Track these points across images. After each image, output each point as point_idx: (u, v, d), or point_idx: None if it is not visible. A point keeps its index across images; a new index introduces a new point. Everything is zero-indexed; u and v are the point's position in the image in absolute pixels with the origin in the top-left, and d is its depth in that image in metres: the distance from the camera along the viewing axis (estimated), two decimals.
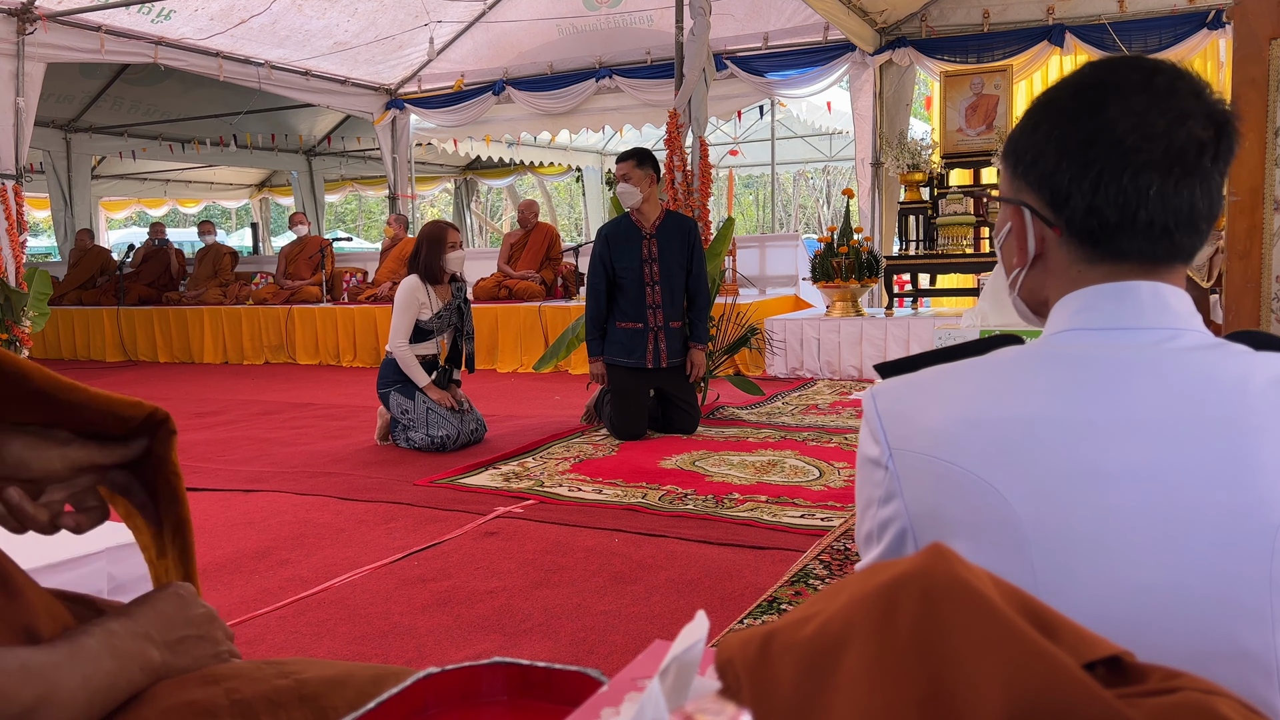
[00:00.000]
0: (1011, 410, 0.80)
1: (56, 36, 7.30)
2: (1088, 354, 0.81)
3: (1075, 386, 0.79)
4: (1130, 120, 0.81)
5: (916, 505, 0.85)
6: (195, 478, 3.94)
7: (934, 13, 7.85)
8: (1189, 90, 0.81)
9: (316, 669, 0.80)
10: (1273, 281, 2.45)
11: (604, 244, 4.47)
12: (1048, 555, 0.76)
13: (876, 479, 0.88)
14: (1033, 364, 0.83)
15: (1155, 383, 0.78)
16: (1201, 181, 0.80)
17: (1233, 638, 0.73)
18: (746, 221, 23.90)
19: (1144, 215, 0.81)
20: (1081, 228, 0.84)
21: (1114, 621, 0.75)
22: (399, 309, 4.38)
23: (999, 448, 0.79)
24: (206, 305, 9.14)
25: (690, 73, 5.80)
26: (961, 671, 0.54)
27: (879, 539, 0.89)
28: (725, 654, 0.63)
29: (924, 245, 6.99)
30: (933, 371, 0.89)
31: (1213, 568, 0.73)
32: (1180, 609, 0.74)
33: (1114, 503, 0.75)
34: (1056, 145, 0.84)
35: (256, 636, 2.25)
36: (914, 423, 0.85)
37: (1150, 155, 0.80)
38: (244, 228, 19.83)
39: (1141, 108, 0.81)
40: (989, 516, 0.79)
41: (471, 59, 9.88)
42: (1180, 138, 0.79)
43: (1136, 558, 0.75)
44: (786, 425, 4.73)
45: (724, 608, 2.32)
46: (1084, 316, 0.84)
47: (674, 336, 4.51)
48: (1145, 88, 0.81)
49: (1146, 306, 0.82)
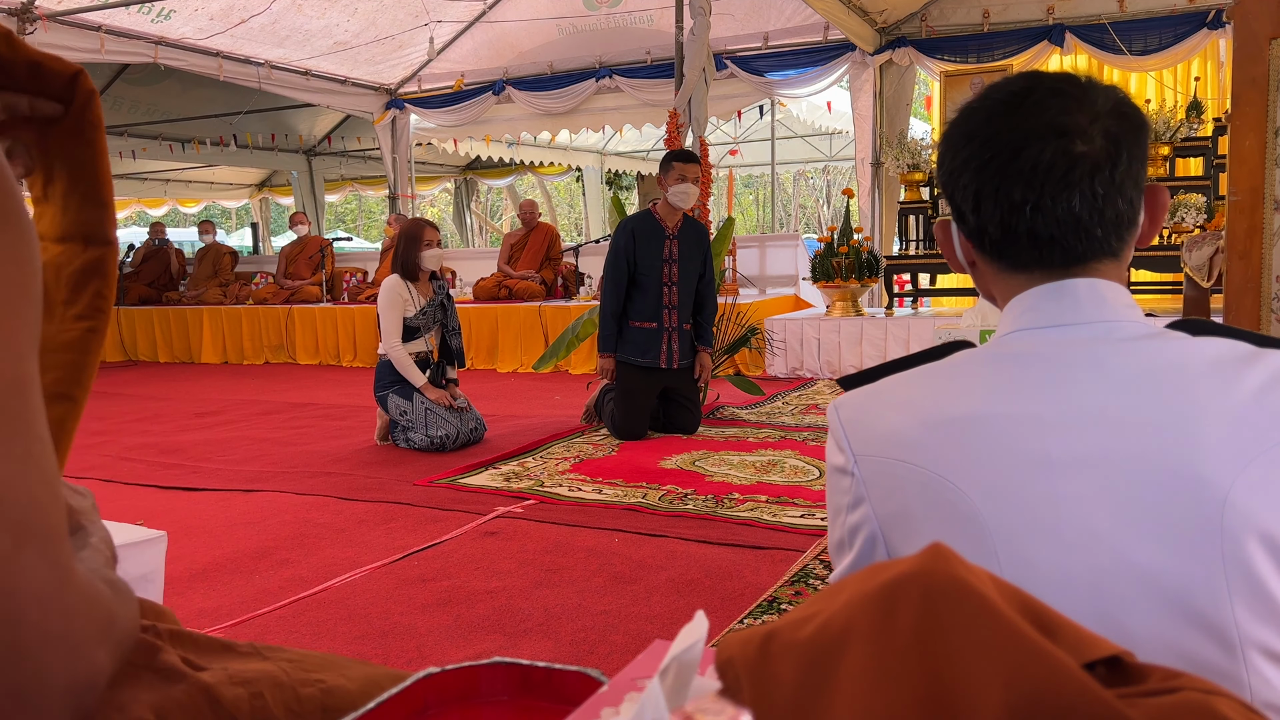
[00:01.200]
0: (964, 409, 0.84)
1: (56, 36, 7.30)
2: (1032, 351, 0.85)
3: (1022, 383, 0.83)
4: (1008, 137, 0.84)
5: (883, 508, 0.87)
6: (195, 478, 3.95)
7: (934, 13, 7.85)
8: (1064, 107, 0.83)
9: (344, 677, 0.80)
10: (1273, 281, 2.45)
11: (629, 238, 4.46)
12: (1008, 545, 0.79)
13: (844, 486, 0.91)
14: (982, 365, 0.87)
15: (1096, 373, 0.81)
16: (1081, 193, 0.83)
17: (1192, 614, 0.75)
18: (746, 221, 23.90)
19: (1023, 228, 0.85)
20: (979, 243, 0.90)
21: (1077, 606, 0.77)
22: (384, 309, 4.39)
23: (954, 446, 0.83)
24: (206, 305, 9.14)
25: (690, 72, 5.80)
26: (961, 671, 0.54)
27: (850, 545, 0.92)
28: (725, 654, 0.63)
29: (924, 245, 6.99)
30: (890, 379, 0.93)
31: (1165, 548, 0.75)
32: (1138, 590, 0.76)
33: (1064, 491, 0.78)
34: (954, 164, 0.89)
35: (256, 636, 2.25)
36: (874, 429, 0.89)
37: (1017, 173, 0.83)
38: (244, 228, 19.83)
39: (1007, 128, 0.84)
40: (950, 513, 0.82)
41: (471, 59, 9.88)
42: (1050, 153, 0.82)
43: (1090, 543, 0.77)
44: (786, 425, 4.73)
45: (724, 608, 2.32)
46: (1027, 317, 0.87)
47: (685, 338, 4.56)
48: (1015, 108, 0.85)
49: (1084, 302, 0.85)
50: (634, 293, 4.49)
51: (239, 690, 0.74)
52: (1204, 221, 5.82)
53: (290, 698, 0.76)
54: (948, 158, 0.89)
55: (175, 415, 5.70)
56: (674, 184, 4.42)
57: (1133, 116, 0.85)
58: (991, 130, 0.85)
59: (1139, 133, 0.85)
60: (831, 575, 0.97)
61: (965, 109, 0.89)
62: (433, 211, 21.98)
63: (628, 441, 4.41)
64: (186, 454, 4.46)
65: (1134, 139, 0.84)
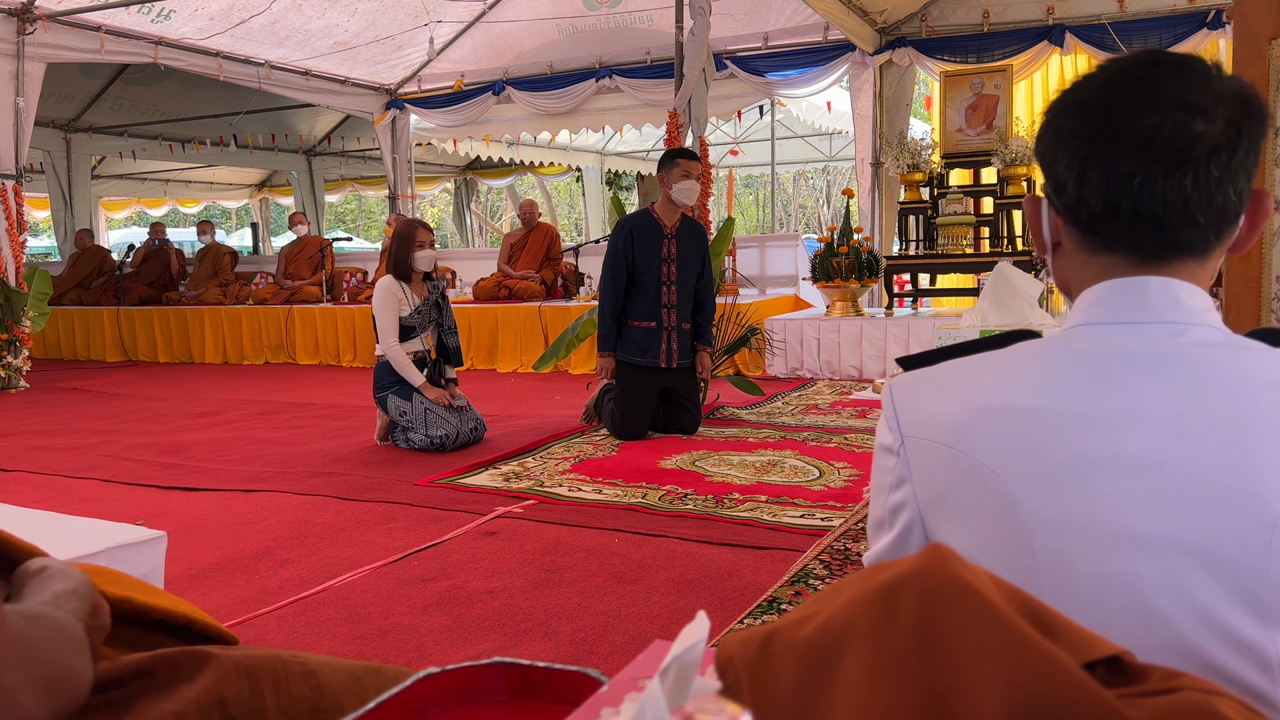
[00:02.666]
0: (1018, 400, 0.82)
1: (56, 36, 7.30)
2: (1095, 347, 0.83)
3: (1078, 379, 0.81)
4: (1124, 111, 0.81)
5: (925, 490, 0.87)
6: (195, 478, 3.94)
7: (934, 13, 7.85)
8: (1191, 82, 0.80)
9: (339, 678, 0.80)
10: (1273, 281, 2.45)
11: (628, 236, 4.46)
12: (1044, 539, 0.78)
13: (889, 465, 0.91)
14: (1043, 356, 0.85)
15: (1155, 376, 0.79)
16: (1196, 174, 0.80)
17: (1228, 632, 0.73)
18: (746, 221, 23.90)
19: (1128, 204, 0.82)
20: (1074, 217, 0.87)
21: (1111, 607, 0.76)
22: (380, 310, 4.40)
23: (1003, 435, 0.81)
24: (206, 305, 9.14)
25: (690, 73, 5.80)
26: (961, 671, 0.54)
27: (890, 525, 0.91)
28: (725, 654, 0.63)
29: (924, 245, 6.99)
30: (949, 364, 0.91)
31: (1205, 560, 0.73)
32: (1173, 599, 0.74)
33: (1107, 491, 0.77)
34: (1059, 136, 0.86)
35: (256, 636, 2.25)
36: (925, 411, 0.88)
37: (1135, 146, 0.80)
38: (244, 228, 19.83)
39: (1137, 99, 0.81)
40: (990, 501, 0.81)
41: (471, 59, 9.88)
42: (1167, 129, 0.79)
43: (1129, 546, 0.75)
44: (786, 425, 4.73)
45: (724, 608, 2.32)
46: (1096, 311, 0.85)
47: (684, 337, 4.56)
48: (1147, 80, 0.82)
49: (1155, 301, 0.83)
50: (633, 292, 4.49)
51: (242, 685, 0.75)
52: None
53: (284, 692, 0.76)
54: (1055, 124, 0.87)
55: (175, 415, 5.70)
56: (678, 180, 4.42)
57: (1257, 107, 0.82)
58: (1109, 98, 0.82)
59: (1261, 124, 0.82)
60: (867, 555, 0.96)
61: (1082, 79, 0.87)
62: (433, 211, 21.98)
63: (628, 441, 4.41)
64: (186, 454, 4.46)
65: (1256, 129, 0.81)
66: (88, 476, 4.03)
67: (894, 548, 0.91)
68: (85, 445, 4.76)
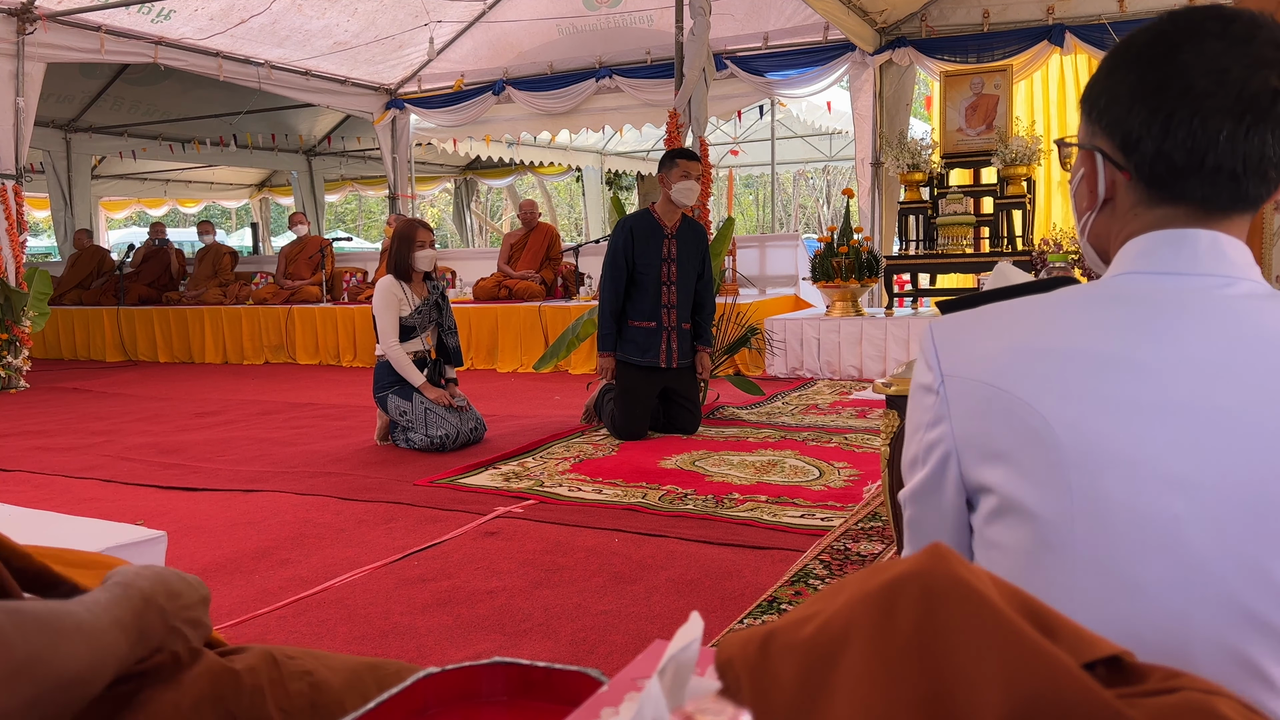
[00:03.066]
0: (1060, 342, 0.83)
1: (56, 36, 7.30)
2: (1140, 294, 0.84)
3: (1123, 323, 0.82)
4: (1203, 66, 0.82)
5: (963, 429, 0.87)
6: (195, 478, 3.94)
7: (934, 12, 7.85)
8: (1268, 39, 0.82)
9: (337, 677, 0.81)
10: (1273, 281, 2.45)
11: (628, 236, 4.47)
12: (1083, 477, 0.79)
13: (927, 404, 0.91)
14: (1086, 301, 0.86)
15: (1201, 324, 0.80)
16: (1274, 129, 0.81)
17: (1264, 574, 0.74)
18: (746, 221, 23.90)
19: (1212, 159, 0.82)
20: (1150, 172, 0.86)
21: (1148, 548, 0.76)
22: (381, 310, 4.40)
23: (1044, 376, 0.82)
24: (206, 305, 9.14)
25: (690, 72, 5.80)
26: (961, 671, 0.54)
27: (924, 462, 0.92)
28: (725, 654, 0.63)
29: (924, 245, 6.99)
30: (991, 306, 0.92)
31: (1244, 508, 0.75)
32: (1209, 542, 0.75)
33: (1147, 434, 0.78)
34: (1129, 90, 0.86)
35: (256, 637, 2.25)
36: (966, 350, 0.88)
37: (1222, 101, 0.81)
38: (244, 228, 19.83)
39: (1214, 54, 0.82)
40: (1031, 439, 0.81)
41: (471, 59, 9.88)
42: (1255, 84, 0.80)
43: (1168, 488, 0.76)
44: (786, 425, 4.73)
45: (724, 608, 2.32)
46: (1142, 261, 0.86)
47: (684, 337, 4.57)
48: (1221, 35, 0.82)
49: (1203, 254, 0.84)
50: (633, 292, 4.50)
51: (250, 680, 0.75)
52: None
53: (280, 694, 0.76)
54: (1126, 79, 0.86)
55: (175, 415, 5.70)
56: (678, 181, 4.42)
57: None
58: (1186, 54, 0.83)
59: None
60: (902, 493, 0.96)
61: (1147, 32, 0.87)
62: (433, 211, 21.98)
63: (628, 441, 4.41)
64: (186, 454, 4.46)
65: None
66: (88, 476, 4.03)
67: (928, 483, 0.91)
68: (85, 445, 4.76)
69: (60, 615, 0.66)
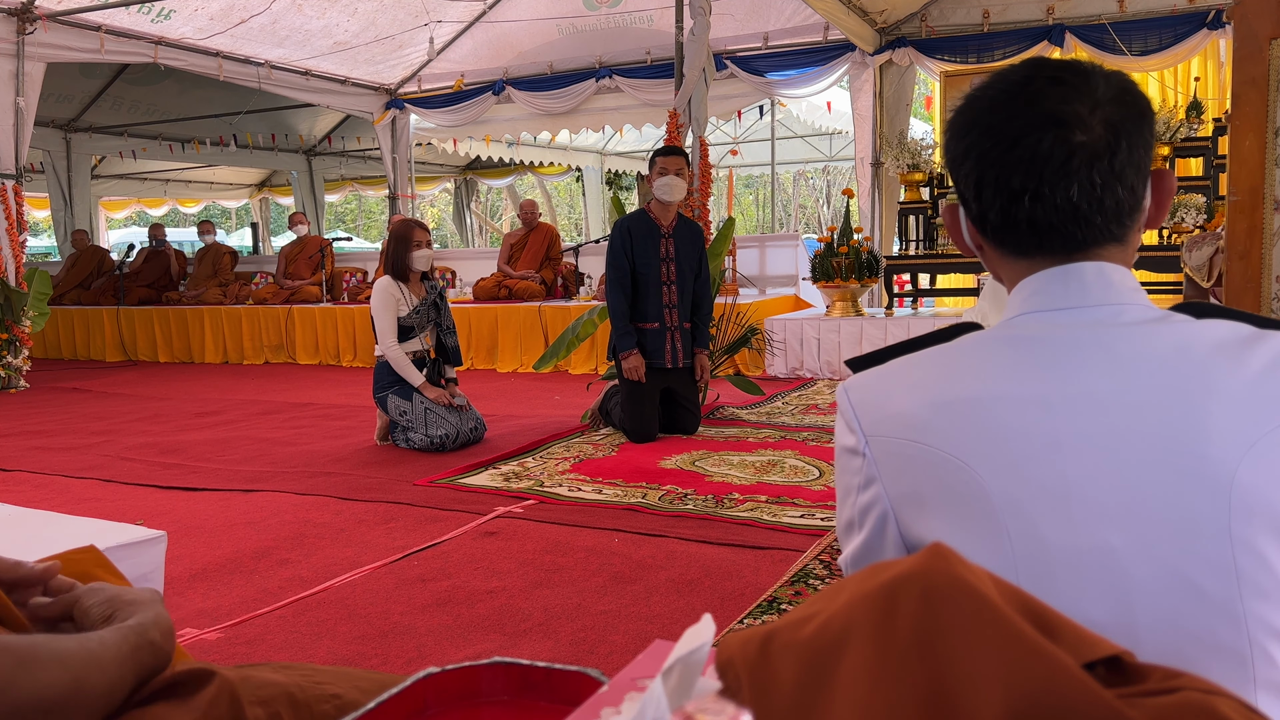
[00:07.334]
0: (974, 391, 0.84)
1: (56, 36, 7.30)
2: (1040, 334, 0.86)
3: (1030, 365, 0.84)
4: (997, 130, 0.86)
5: (895, 488, 0.88)
6: (195, 478, 3.94)
7: (934, 13, 7.85)
8: (1066, 96, 0.84)
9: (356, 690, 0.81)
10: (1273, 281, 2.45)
11: (625, 236, 4.46)
12: (1018, 523, 0.80)
13: (855, 466, 0.92)
14: (991, 346, 0.88)
15: (1103, 356, 0.82)
16: (1079, 184, 0.83)
17: (1199, 592, 0.75)
18: (746, 221, 23.90)
19: (1023, 216, 0.86)
20: (982, 229, 0.91)
21: (1087, 584, 0.77)
22: (379, 310, 4.40)
23: (964, 426, 0.83)
24: (206, 305, 9.14)
25: (690, 73, 5.80)
26: (961, 671, 0.54)
27: (860, 525, 0.92)
28: (725, 654, 0.63)
29: (924, 245, 6.99)
30: (900, 361, 0.93)
31: (1173, 527, 0.76)
32: (1147, 568, 0.76)
33: (1073, 471, 0.79)
34: (951, 157, 0.91)
35: (257, 636, 2.25)
36: (885, 409, 0.89)
37: (1016, 162, 0.84)
38: (244, 228, 19.83)
39: (1007, 117, 0.85)
40: (963, 491, 0.82)
41: (471, 59, 9.88)
42: (1046, 144, 0.83)
43: (1100, 522, 0.78)
44: (786, 425, 4.73)
45: (724, 608, 2.32)
46: (1035, 300, 0.88)
47: (686, 337, 4.57)
48: (1015, 96, 0.86)
49: (1090, 286, 0.86)
50: (634, 294, 4.49)
51: (258, 711, 0.74)
52: (1204, 222, 5.82)
53: (305, 716, 0.76)
54: (952, 144, 0.91)
55: (175, 415, 5.70)
56: (657, 178, 4.46)
57: (1134, 103, 0.85)
58: (992, 119, 0.86)
59: (1141, 119, 0.85)
60: (841, 558, 0.97)
61: (969, 96, 0.90)
62: (433, 211, 21.99)
63: (640, 443, 4.40)
64: (186, 454, 4.46)
65: (1135, 126, 0.84)
66: (87, 476, 4.03)
67: (868, 547, 0.91)
68: (85, 445, 4.76)
69: (37, 646, 0.68)
